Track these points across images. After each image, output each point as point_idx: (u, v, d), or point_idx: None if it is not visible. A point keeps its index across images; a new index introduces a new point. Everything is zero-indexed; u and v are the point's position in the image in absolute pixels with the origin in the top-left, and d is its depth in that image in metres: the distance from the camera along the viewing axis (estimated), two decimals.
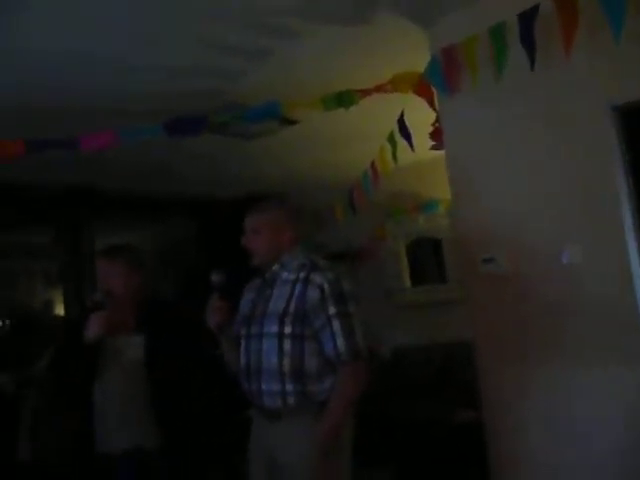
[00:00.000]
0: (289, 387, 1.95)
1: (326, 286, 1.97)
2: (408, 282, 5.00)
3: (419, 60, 2.52)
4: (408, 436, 3.74)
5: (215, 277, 2.11)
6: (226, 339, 2.14)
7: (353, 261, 4.81)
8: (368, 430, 2.28)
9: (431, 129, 2.76)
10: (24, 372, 4.37)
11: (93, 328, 2.21)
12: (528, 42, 2.05)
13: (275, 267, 2.09)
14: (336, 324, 1.94)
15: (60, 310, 5.70)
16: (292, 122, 3.05)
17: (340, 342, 1.94)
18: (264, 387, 2.01)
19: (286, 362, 1.96)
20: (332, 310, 1.95)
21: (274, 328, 2.00)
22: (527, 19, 2.05)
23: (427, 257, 4.97)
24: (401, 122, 2.81)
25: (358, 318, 1.99)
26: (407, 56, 2.69)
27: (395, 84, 2.55)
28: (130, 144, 2.44)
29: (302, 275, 2.02)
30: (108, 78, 2.69)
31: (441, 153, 3.03)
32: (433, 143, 2.77)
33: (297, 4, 2.35)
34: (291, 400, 1.95)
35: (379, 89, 2.56)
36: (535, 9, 2.04)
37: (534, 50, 2.05)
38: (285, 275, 2.07)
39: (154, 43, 2.43)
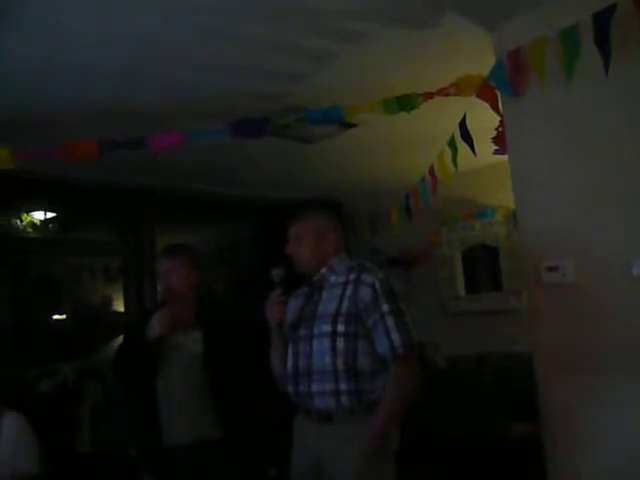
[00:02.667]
0: (342, 386, 1.97)
1: (377, 285, 2.01)
2: (462, 290, 4.92)
3: (483, 64, 2.48)
4: (462, 448, 3.66)
5: (275, 272, 2.15)
6: (281, 337, 2.16)
7: (407, 267, 4.77)
8: (420, 441, 2.25)
9: (494, 134, 2.71)
10: (85, 364, 4.53)
11: (157, 326, 2.29)
12: (603, 45, 1.99)
13: (323, 270, 2.12)
14: (390, 320, 1.97)
15: (118, 306, 5.90)
16: (351, 125, 3.07)
17: (395, 337, 1.96)
18: (315, 388, 2.02)
19: (340, 360, 1.98)
20: (385, 307, 1.98)
21: (327, 328, 2.02)
22: (603, 20, 1.98)
23: (482, 265, 4.88)
24: (463, 126, 2.77)
25: (409, 316, 2.01)
26: (471, 60, 2.65)
27: (458, 87, 2.52)
28: (196, 145, 2.50)
29: (352, 277, 2.06)
30: (172, 76, 2.75)
31: (499, 159, 2.99)
32: (496, 148, 2.71)
33: (362, 7, 2.35)
34: (345, 400, 1.97)
35: (441, 92, 2.53)
36: (612, 9, 1.97)
37: (610, 53, 1.98)
38: (333, 278, 2.11)
39: (218, 43, 2.48)
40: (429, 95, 2.52)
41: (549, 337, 2.36)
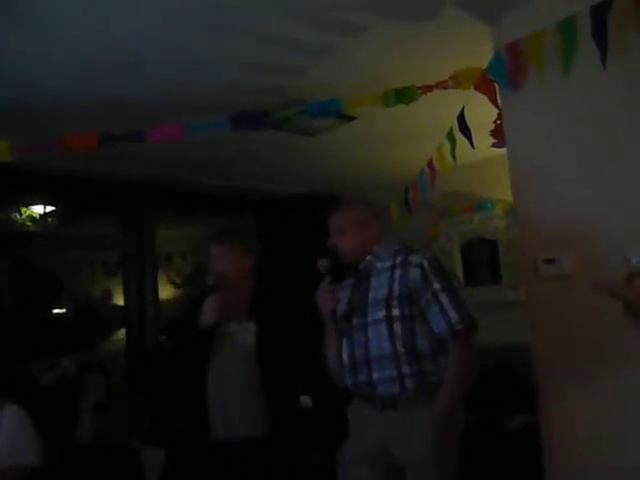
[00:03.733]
0: (405, 370, 1.97)
1: (426, 264, 2.00)
2: (461, 282, 4.94)
3: (481, 57, 2.49)
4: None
5: (322, 263, 2.12)
6: (333, 328, 2.13)
7: None
8: None
9: (492, 127, 2.72)
10: (86, 357, 4.55)
11: (210, 312, 2.24)
12: (600, 37, 1.99)
13: (369, 258, 2.12)
14: (444, 298, 1.97)
15: (118, 299, 5.91)
16: (350, 118, 3.07)
17: (452, 314, 1.96)
18: (376, 376, 2.01)
19: (399, 344, 1.98)
20: (437, 286, 1.98)
21: (381, 314, 2.01)
22: (600, 12, 1.99)
23: (481, 258, 4.89)
24: (461, 119, 2.78)
25: (462, 292, 2.02)
26: (469, 53, 2.65)
27: (456, 80, 2.53)
28: (195, 138, 2.51)
29: (399, 260, 2.06)
30: (172, 70, 2.76)
31: (498, 152, 2.99)
32: (494, 141, 2.72)
33: (361, 0, 2.36)
34: (409, 383, 1.96)
35: (440, 85, 2.54)
36: (609, 1, 1.98)
37: (606, 45, 1.98)
38: (380, 265, 2.10)
39: (218, 36, 2.48)
40: (428, 88, 2.53)
41: (547, 329, 2.37)
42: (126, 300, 4.58)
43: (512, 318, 4.16)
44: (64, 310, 5.56)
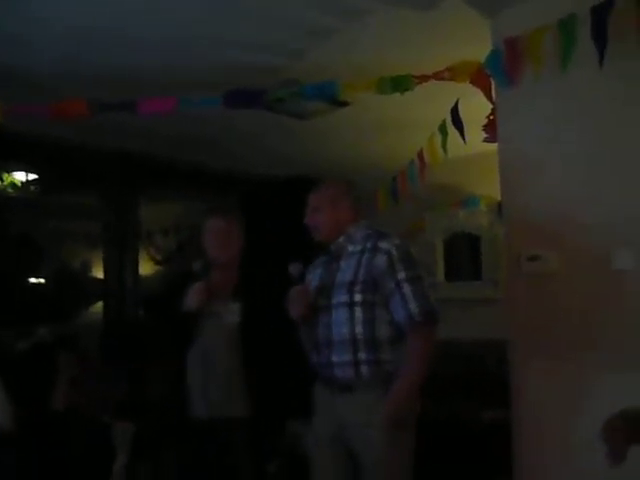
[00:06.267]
0: (362, 356, 1.97)
1: (394, 251, 1.99)
2: (442, 276, 4.97)
3: (479, 50, 2.48)
4: (433, 432, 3.72)
5: (293, 269, 2.11)
6: (306, 329, 2.13)
7: None
8: None
9: (485, 121, 2.73)
10: (62, 328, 4.50)
11: (194, 298, 2.20)
12: (599, 37, 2.00)
13: (341, 239, 2.11)
14: (407, 288, 1.96)
15: (97, 272, 5.85)
16: (343, 104, 3.05)
17: (413, 305, 1.95)
18: (335, 358, 2.01)
19: (358, 330, 1.97)
20: (401, 275, 1.97)
21: (344, 297, 2.01)
22: (600, 13, 2.00)
23: (463, 253, 4.92)
24: (455, 112, 2.78)
25: (427, 283, 2.01)
26: (467, 45, 2.64)
27: (453, 72, 2.53)
28: (186, 113, 2.48)
29: (369, 244, 2.05)
30: (171, 43, 2.71)
31: (486, 148, 2.99)
32: (486, 136, 2.73)
33: None
34: (364, 370, 1.97)
35: (436, 76, 2.54)
36: (610, 2, 1.99)
37: (605, 46, 2.00)
38: (351, 247, 2.10)
39: (218, 14, 2.44)
40: (424, 78, 2.53)
41: (526, 326, 2.40)
42: (105, 273, 4.53)
43: (491, 315, 4.24)
44: (42, 279, 5.49)
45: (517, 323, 2.45)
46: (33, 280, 5.44)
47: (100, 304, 4.85)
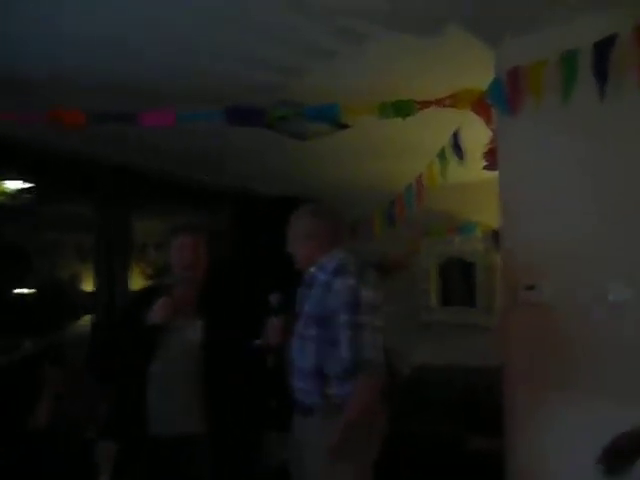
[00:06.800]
0: (312, 386, 2.03)
1: (343, 293, 1.98)
2: (435, 301, 4.96)
3: (481, 78, 2.50)
4: (421, 456, 3.67)
5: (273, 299, 2.16)
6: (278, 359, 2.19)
7: (384, 274, 4.78)
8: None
9: (485, 149, 2.73)
10: (48, 341, 4.42)
11: (160, 313, 2.20)
12: (600, 72, 2.02)
13: (312, 269, 2.14)
14: (344, 333, 1.96)
15: (86, 284, 5.78)
16: (344, 126, 3.04)
17: (346, 352, 1.95)
18: (294, 383, 2.10)
19: (310, 363, 2.03)
20: (344, 317, 1.97)
21: (302, 329, 2.09)
22: (602, 49, 2.01)
23: (458, 279, 4.92)
24: (455, 138, 2.79)
25: (372, 329, 1.97)
26: (469, 73, 2.66)
27: (455, 100, 2.54)
28: (185, 127, 2.46)
29: (329, 279, 2.06)
30: (171, 58, 2.70)
31: (484, 176, 3.02)
32: (486, 163, 2.73)
33: (367, 8, 2.33)
34: (314, 399, 2.03)
35: (438, 103, 2.54)
36: (612, 39, 2.01)
37: (606, 81, 2.02)
38: (322, 277, 2.10)
39: (220, 28, 2.43)
40: (425, 104, 2.53)
41: (520, 354, 2.38)
42: (96, 286, 4.47)
43: (483, 341, 4.22)
44: (30, 290, 5.42)
45: (511, 351, 2.42)
46: (21, 290, 5.36)
47: (88, 317, 4.77)
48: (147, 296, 2.31)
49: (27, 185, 4.82)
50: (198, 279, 2.36)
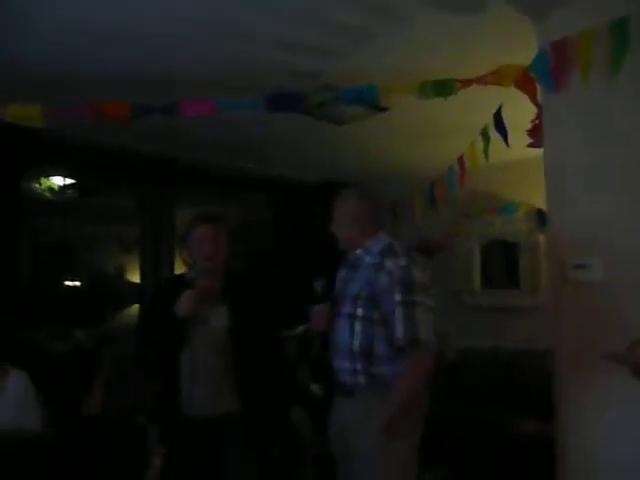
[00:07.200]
0: (359, 366, 2.04)
1: (395, 272, 2.01)
2: (478, 284, 4.89)
3: (523, 54, 2.43)
4: (467, 440, 3.65)
5: (318, 285, 2.18)
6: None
7: (425, 256, 4.73)
8: (426, 432, 2.25)
9: (528, 126, 2.66)
10: (98, 331, 4.56)
11: (185, 306, 2.24)
12: None
13: (358, 252, 2.16)
14: (399, 311, 1.98)
15: (131, 276, 5.92)
16: (383, 109, 3.02)
17: (399, 329, 1.97)
18: (337, 364, 2.11)
19: (356, 343, 2.04)
20: (398, 296, 1.99)
21: (348, 309, 2.09)
22: None
23: (500, 261, 4.84)
24: (498, 117, 2.72)
25: (425, 308, 2.00)
26: (510, 50, 2.60)
27: (497, 77, 2.47)
28: (225, 116, 2.47)
29: (378, 260, 2.08)
30: (208, 44, 2.72)
31: (525, 155, 2.94)
32: (531, 141, 2.66)
33: None
34: (361, 378, 2.04)
35: (480, 81, 2.48)
36: None
37: None
38: (368, 259, 2.13)
39: (257, 13, 2.43)
40: (467, 82, 2.47)
41: (571, 336, 2.32)
42: (142, 277, 4.57)
43: (529, 323, 4.15)
44: (78, 282, 5.58)
45: (562, 333, 2.37)
46: (69, 283, 5.53)
47: (136, 307, 4.90)
48: (173, 288, 2.36)
49: (71, 181, 4.96)
50: (220, 269, 2.40)
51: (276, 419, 2.55)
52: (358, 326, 2.04)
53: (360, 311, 2.05)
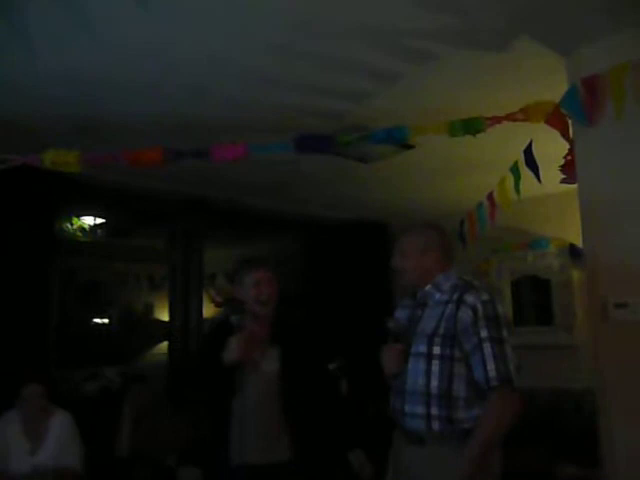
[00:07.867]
0: (434, 411, 1.89)
1: (479, 307, 1.90)
2: (510, 320, 4.78)
3: (551, 90, 2.42)
4: None
5: (391, 324, 2.08)
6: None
7: None
8: None
9: (561, 162, 2.63)
10: (127, 368, 4.56)
11: (236, 351, 2.22)
12: None
13: (428, 288, 2.05)
14: (487, 348, 1.86)
15: (159, 314, 5.95)
16: (409, 147, 3.02)
17: (490, 367, 1.84)
18: (407, 408, 1.96)
19: (433, 384, 1.91)
20: (484, 333, 1.87)
21: (422, 348, 1.95)
22: None
23: (531, 297, 4.73)
24: (528, 152, 2.70)
25: (510, 345, 1.90)
26: (541, 85, 2.60)
27: (527, 113, 2.45)
28: (255, 159, 2.50)
29: (455, 296, 1.96)
30: (237, 91, 2.78)
31: (556, 189, 2.89)
32: (564, 177, 2.63)
33: (432, 27, 2.32)
34: (435, 425, 1.89)
35: (509, 118, 2.47)
36: None
37: None
38: (438, 296, 2.02)
39: (284, 59, 2.48)
40: (496, 119, 2.46)
41: (615, 377, 2.24)
42: (171, 315, 4.58)
43: (564, 362, 4.03)
44: (108, 321, 5.63)
45: (605, 373, 2.29)
46: (99, 322, 5.57)
47: (165, 344, 4.90)
48: (220, 334, 2.34)
49: (102, 221, 5.05)
50: (271, 313, 2.40)
51: (332, 464, 2.46)
52: (435, 366, 1.90)
53: (437, 350, 1.91)
